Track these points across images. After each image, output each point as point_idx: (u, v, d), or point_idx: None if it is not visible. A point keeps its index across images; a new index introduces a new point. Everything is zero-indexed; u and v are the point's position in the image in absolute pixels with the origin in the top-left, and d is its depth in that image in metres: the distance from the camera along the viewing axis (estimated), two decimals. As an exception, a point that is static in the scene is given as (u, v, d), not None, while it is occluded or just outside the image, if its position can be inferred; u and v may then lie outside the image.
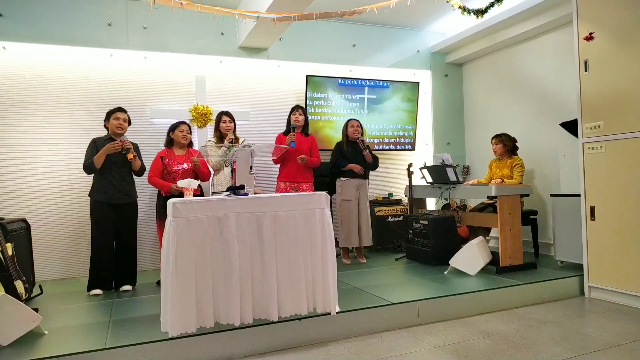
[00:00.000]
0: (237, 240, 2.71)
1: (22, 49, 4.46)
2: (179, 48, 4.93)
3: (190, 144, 4.27)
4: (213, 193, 4.30)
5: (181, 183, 3.24)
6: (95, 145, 3.82)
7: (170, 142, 4.20)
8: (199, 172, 4.13)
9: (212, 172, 4.37)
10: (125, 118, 3.90)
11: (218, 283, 2.69)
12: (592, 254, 3.72)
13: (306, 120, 4.71)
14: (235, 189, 2.92)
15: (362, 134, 4.74)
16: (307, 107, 5.47)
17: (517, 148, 4.78)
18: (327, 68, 5.65)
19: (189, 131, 4.20)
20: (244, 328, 2.71)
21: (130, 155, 3.73)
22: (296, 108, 4.67)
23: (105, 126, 3.93)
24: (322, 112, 5.58)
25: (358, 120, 4.80)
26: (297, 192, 4.32)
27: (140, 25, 4.79)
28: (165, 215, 3.89)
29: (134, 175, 3.98)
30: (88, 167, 3.78)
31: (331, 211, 3.11)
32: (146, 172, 4.07)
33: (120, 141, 3.76)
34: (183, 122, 4.21)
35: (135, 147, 3.98)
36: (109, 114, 3.90)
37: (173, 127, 4.18)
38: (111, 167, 3.78)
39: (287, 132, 4.63)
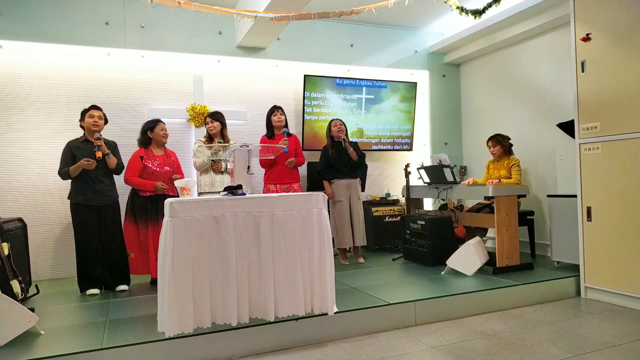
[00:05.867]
0: (234, 240, 2.71)
1: (20, 47, 4.44)
2: (176, 47, 4.92)
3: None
4: (200, 194, 4.29)
5: (178, 183, 3.23)
6: (70, 150, 3.74)
7: (148, 142, 4.10)
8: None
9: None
10: (100, 115, 3.81)
11: (215, 283, 2.69)
12: (588, 254, 3.73)
13: (286, 120, 4.69)
14: (232, 189, 2.91)
15: (346, 133, 4.73)
16: (305, 107, 5.47)
17: (511, 146, 4.79)
18: (324, 68, 5.65)
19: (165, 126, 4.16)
20: (241, 328, 2.71)
21: (99, 154, 3.64)
22: (276, 108, 4.64)
23: (80, 126, 3.86)
24: (320, 111, 5.58)
25: (340, 120, 4.80)
26: (290, 193, 4.33)
27: (137, 24, 4.78)
28: (146, 216, 3.92)
29: (114, 176, 3.92)
30: (63, 175, 3.73)
31: (328, 211, 3.11)
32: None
33: (93, 138, 3.69)
34: (160, 121, 4.15)
35: (113, 145, 3.91)
36: (84, 113, 3.82)
37: (152, 126, 4.08)
38: (89, 169, 3.69)
39: (270, 135, 4.62)
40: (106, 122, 3.92)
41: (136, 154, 4.04)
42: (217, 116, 4.41)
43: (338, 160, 4.66)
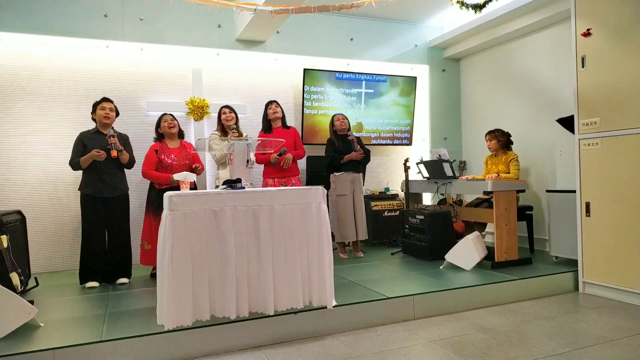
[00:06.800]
0: (233, 233, 2.71)
1: (18, 39, 4.42)
2: (175, 40, 4.90)
3: (181, 134, 4.24)
4: (217, 187, 4.29)
5: (177, 176, 3.23)
6: (81, 141, 3.76)
7: (160, 136, 4.16)
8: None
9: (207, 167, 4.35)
10: (111, 107, 3.84)
11: (214, 276, 2.69)
12: (586, 249, 3.74)
13: (283, 112, 4.68)
14: (231, 183, 2.91)
15: (349, 127, 4.74)
16: (305, 101, 5.46)
17: (511, 143, 4.79)
18: (324, 62, 5.63)
19: (174, 118, 4.17)
20: (240, 321, 2.72)
21: (114, 153, 3.67)
22: (271, 102, 4.63)
23: (92, 118, 3.88)
24: (319, 105, 5.57)
25: (342, 114, 4.81)
26: (288, 187, 4.32)
27: (136, 16, 4.75)
28: (161, 208, 3.93)
29: (124, 168, 3.93)
30: (74, 166, 3.75)
31: (328, 205, 3.11)
32: (138, 166, 4.02)
33: (107, 135, 3.70)
34: (165, 114, 4.18)
35: (125, 139, 3.92)
36: (95, 105, 3.84)
37: (158, 122, 4.15)
38: (99, 161, 3.70)
39: (267, 129, 4.60)
40: (117, 114, 3.93)
41: (152, 148, 4.09)
42: (233, 108, 4.44)
43: (346, 153, 4.65)
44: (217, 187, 4.29)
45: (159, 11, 4.81)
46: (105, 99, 3.86)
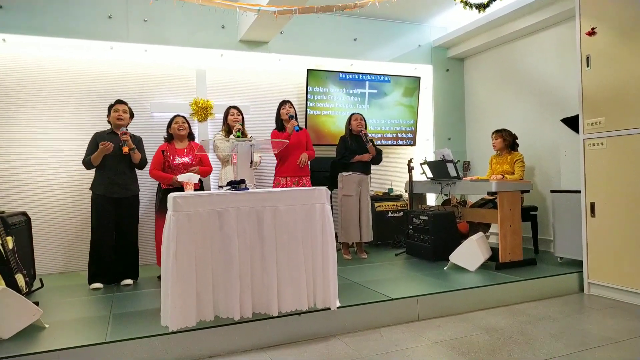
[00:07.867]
0: (237, 234, 2.71)
1: (23, 41, 4.43)
2: (179, 41, 4.91)
3: (192, 136, 4.26)
4: (220, 187, 4.29)
5: (181, 177, 3.24)
6: (95, 141, 3.81)
7: (170, 137, 4.20)
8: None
9: (213, 167, 4.37)
10: (125, 109, 3.90)
11: (218, 277, 2.70)
12: (591, 250, 3.72)
13: (296, 113, 4.68)
14: (235, 184, 2.91)
15: (365, 128, 4.73)
16: (308, 102, 5.46)
17: (517, 145, 4.77)
18: (328, 62, 5.63)
19: (185, 121, 4.20)
20: (244, 322, 2.72)
21: (125, 149, 3.69)
22: (285, 102, 4.63)
23: (108, 121, 3.95)
24: (323, 106, 5.57)
25: (361, 114, 4.79)
26: (299, 187, 4.34)
27: (140, 17, 4.76)
28: (165, 209, 3.94)
29: (136, 169, 3.97)
30: (86, 164, 3.80)
31: (331, 206, 3.10)
32: (148, 166, 4.06)
33: (120, 133, 3.75)
34: (177, 115, 4.24)
35: (138, 140, 3.98)
36: (110, 108, 3.92)
37: (169, 123, 4.20)
38: (111, 161, 3.76)
39: (280, 128, 4.61)
40: (132, 116, 3.98)
41: (159, 148, 4.14)
42: (240, 109, 4.45)
43: (358, 153, 4.64)
44: (220, 186, 4.30)
45: (163, 12, 4.82)
46: (119, 101, 3.93)
